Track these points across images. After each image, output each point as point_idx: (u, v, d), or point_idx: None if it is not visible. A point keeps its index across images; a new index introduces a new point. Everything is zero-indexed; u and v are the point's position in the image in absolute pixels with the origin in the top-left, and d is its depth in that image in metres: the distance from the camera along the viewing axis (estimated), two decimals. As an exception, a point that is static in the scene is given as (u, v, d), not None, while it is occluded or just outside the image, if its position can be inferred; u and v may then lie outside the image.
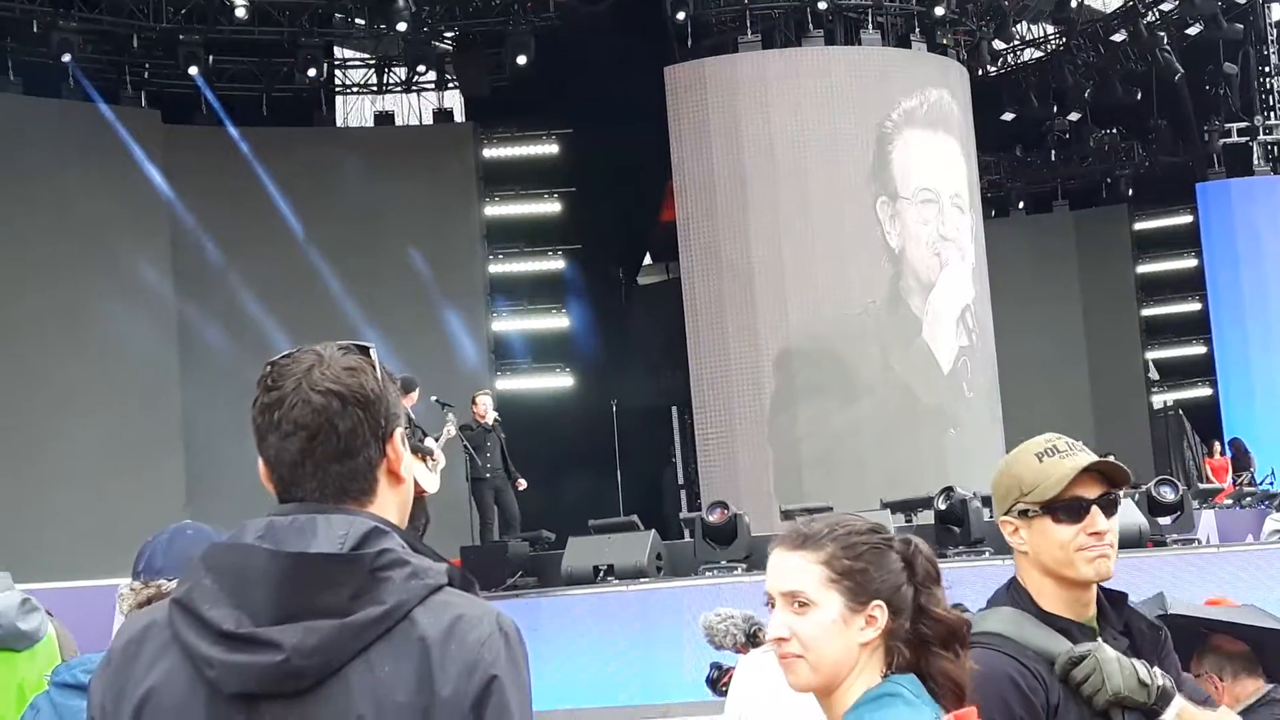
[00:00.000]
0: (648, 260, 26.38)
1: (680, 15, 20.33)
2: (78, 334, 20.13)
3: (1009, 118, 26.21)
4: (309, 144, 23.23)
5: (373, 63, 24.62)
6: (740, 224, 19.50)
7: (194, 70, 21.22)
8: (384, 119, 24.71)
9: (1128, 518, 13.16)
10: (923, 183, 20.18)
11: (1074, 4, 24.52)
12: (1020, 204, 29.10)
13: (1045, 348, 27.14)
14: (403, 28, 21.35)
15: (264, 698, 2.02)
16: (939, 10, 21.08)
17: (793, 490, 18.24)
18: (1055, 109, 26.72)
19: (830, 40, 20.62)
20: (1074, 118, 27.53)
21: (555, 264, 24.93)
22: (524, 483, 15.55)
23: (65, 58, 20.02)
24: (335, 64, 24.48)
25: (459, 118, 25.03)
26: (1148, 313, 28.66)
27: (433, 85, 24.81)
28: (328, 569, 2.03)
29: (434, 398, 14.76)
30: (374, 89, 24.85)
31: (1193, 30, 24.79)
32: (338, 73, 24.75)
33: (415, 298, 23.04)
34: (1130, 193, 28.46)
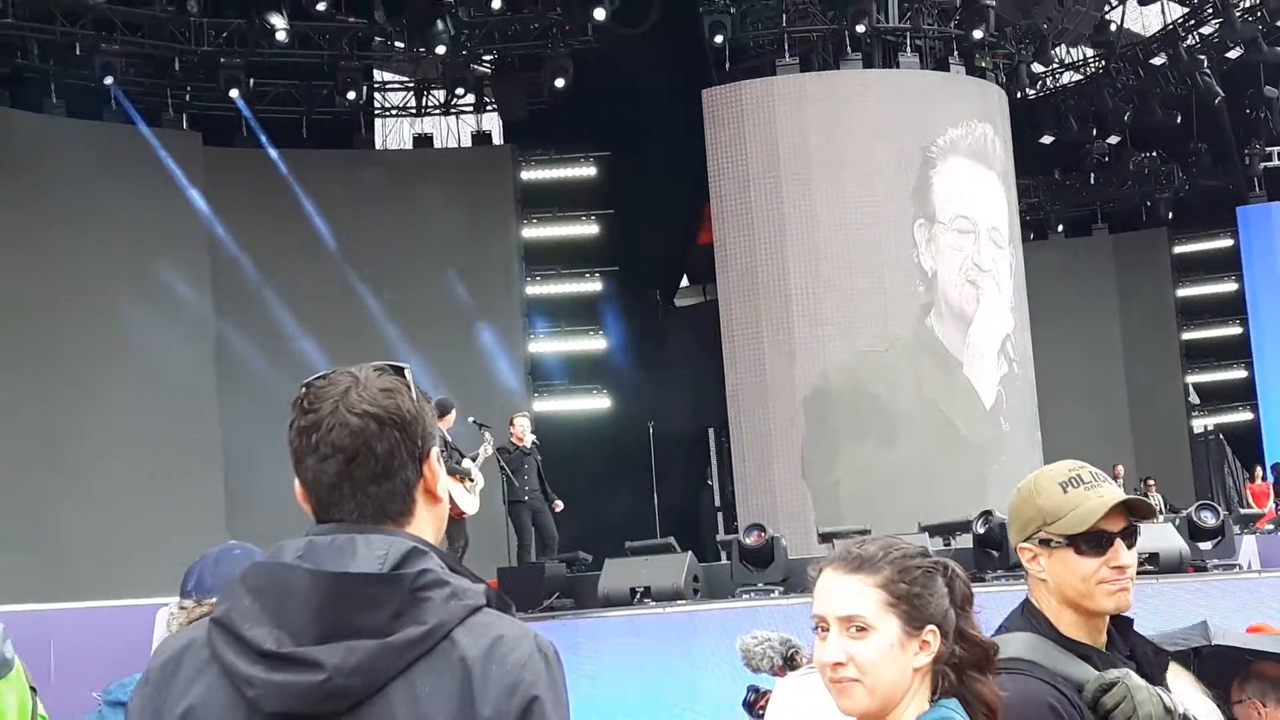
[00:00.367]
0: (685, 282, 26.36)
1: (718, 38, 20.34)
2: (118, 353, 20.23)
3: (1048, 141, 26.10)
4: (348, 166, 23.35)
5: (412, 86, 24.73)
6: (777, 246, 19.47)
7: (235, 93, 21.40)
8: (423, 141, 24.82)
9: (1168, 543, 13.08)
10: (962, 210, 20.11)
11: (1113, 27, 24.45)
12: (1059, 227, 28.96)
13: (1084, 371, 26.99)
14: (442, 51, 21.44)
15: (305, 717, 2.02)
16: (978, 34, 21.02)
17: (830, 513, 18.17)
18: (1095, 132, 26.58)
19: (868, 63, 20.59)
20: (1113, 141, 27.39)
21: (592, 286, 24.95)
22: (561, 504, 15.51)
23: (108, 80, 20.15)
24: (375, 87, 24.60)
25: (497, 140, 25.11)
26: (1188, 336, 28.49)
27: (471, 108, 24.90)
28: (368, 589, 2.03)
29: (471, 419, 14.77)
30: (413, 112, 24.96)
31: (1233, 54, 24.65)
32: (377, 95, 24.87)
33: (453, 319, 23.11)
34: (1170, 216, 28.33)
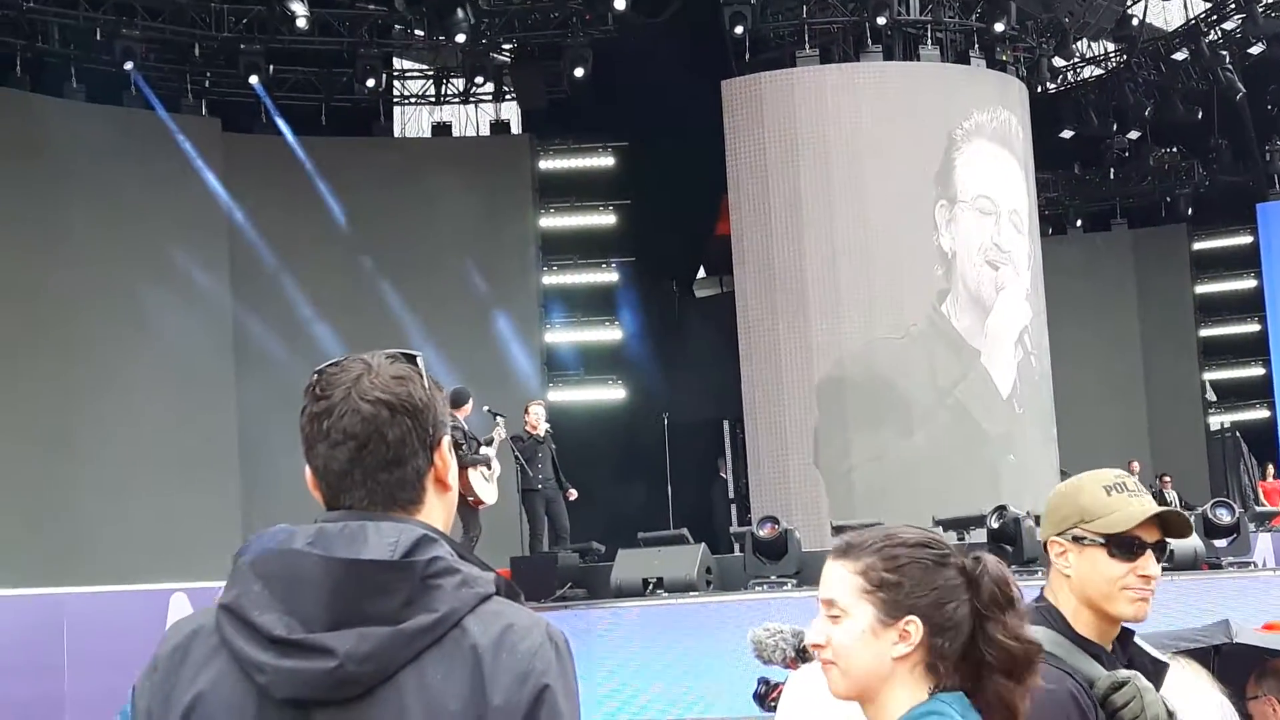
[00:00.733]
0: (702, 273, 26.33)
1: (738, 29, 20.29)
2: (135, 337, 20.25)
3: (1068, 135, 26.03)
4: (367, 154, 23.35)
5: (431, 74, 24.74)
6: (795, 238, 19.44)
7: (254, 79, 21.40)
8: (441, 130, 24.81)
9: (1183, 540, 13.02)
10: (984, 191, 20.06)
11: (1135, 22, 24.33)
12: (1078, 222, 28.87)
13: (1102, 367, 26.92)
14: (461, 39, 21.43)
15: (316, 704, 2.02)
16: (999, 26, 20.97)
17: (844, 505, 18.15)
18: (1115, 127, 26.49)
19: (889, 55, 20.53)
20: (1134, 136, 27.31)
21: (609, 276, 24.93)
22: (575, 493, 15.53)
23: (127, 66, 20.16)
24: (394, 75, 24.60)
25: (516, 129, 25.11)
26: (1206, 333, 28.39)
27: (490, 97, 24.89)
28: (380, 576, 2.03)
29: (486, 408, 14.78)
30: (432, 100, 24.95)
31: (1255, 49, 24.56)
32: (396, 83, 24.87)
33: (469, 308, 23.11)
34: (1190, 212, 28.22)
